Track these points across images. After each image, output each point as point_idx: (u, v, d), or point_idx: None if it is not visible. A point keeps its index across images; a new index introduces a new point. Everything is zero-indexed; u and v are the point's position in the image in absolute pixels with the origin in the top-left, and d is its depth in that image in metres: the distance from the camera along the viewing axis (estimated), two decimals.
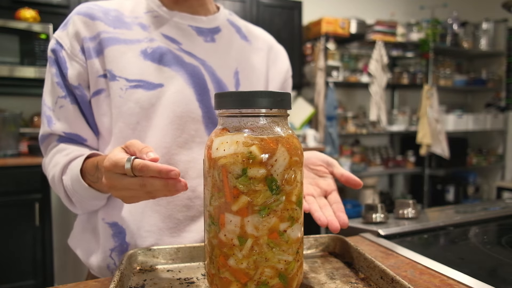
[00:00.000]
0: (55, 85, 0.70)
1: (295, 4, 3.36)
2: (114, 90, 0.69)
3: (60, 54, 0.70)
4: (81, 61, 0.70)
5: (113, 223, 0.70)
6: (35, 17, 2.42)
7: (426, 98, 3.66)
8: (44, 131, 0.72)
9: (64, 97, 0.70)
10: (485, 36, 4.10)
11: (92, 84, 0.70)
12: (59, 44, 0.70)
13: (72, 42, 0.70)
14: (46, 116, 0.71)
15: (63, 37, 0.70)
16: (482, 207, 0.98)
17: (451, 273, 0.55)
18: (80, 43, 0.70)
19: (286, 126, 0.46)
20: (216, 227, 0.44)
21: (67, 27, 0.71)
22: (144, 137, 0.70)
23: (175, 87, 0.71)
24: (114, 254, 0.69)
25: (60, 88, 0.70)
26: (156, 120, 0.70)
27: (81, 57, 0.70)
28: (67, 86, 0.70)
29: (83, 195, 0.66)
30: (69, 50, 0.69)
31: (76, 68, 0.69)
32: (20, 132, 2.51)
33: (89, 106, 0.72)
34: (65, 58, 0.70)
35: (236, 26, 0.85)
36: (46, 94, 0.72)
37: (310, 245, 0.64)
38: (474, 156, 4.24)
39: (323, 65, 3.33)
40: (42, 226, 2.27)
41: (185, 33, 0.76)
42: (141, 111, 0.69)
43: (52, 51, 0.71)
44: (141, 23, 0.74)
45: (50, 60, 0.71)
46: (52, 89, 0.71)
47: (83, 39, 0.69)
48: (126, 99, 0.68)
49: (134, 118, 0.69)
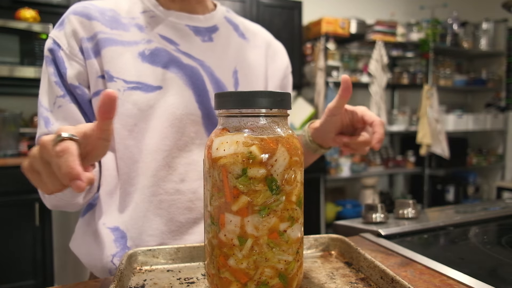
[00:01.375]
0: (53, 84, 0.68)
1: (295, 4, 3.36)
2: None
3: (58, 54, 0.68)
4: (80, 61, 0.69)
5: (114, 227, 0.69)
6: (35, 17, 2.42)
7: (426, 98, 3.66)
8: (41, 133, 0.69)
9: (62, 96, 0.68)
10: (485, 36, 4.10)
11: (92, 85, 0.69)
12: (57, 44, 0.69)
13: (70, 42, 0.69)
14: (43, 117, 0.69)
15: (61, 37, 0.69)
16: (482, 207, 0.98)
17: (451, 273, 0.55)
18: (78, 43, 0.69)
19: (286, 126, 0.46)
20: (216, 227, 0.44)
21: (64, 27, 0.70)
22: (142, 139, 0.69)
23: (174, 89, 0.71)
24: (116, 259, 0.68)
25: (59, 87, 0.68)
26: (154, 122, 0.69)
27: (80, 56, 0.69)
28: (65, 85, 0.69)
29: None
30: (67, 50, 0.68)
31: (75, 67, 0.68)
32: (20, 132, 2.51)
33: (90, 105, 0.71)
34: (63, 58, 0.68)
35: (234, 23, 0.84)
36: (42, 95, 0.70)
37: (310, 245, 0.64)
38: (474, 156, 4.24)
39: (323, 65, 3.33)
40: (42, 226, 2.27)
41: (182, 34, 0.75)
42: (139, 113, 0.68)
43: (49, 50, 0.69)
44: (137, 24, 0.73)
45: (47, 60, 0.69)
46: (49, 89, 0.69)
47: (81, 39, 0.69)
48: (123, 101, 0.68)
49: (132, 119, 0.68)
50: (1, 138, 2.38)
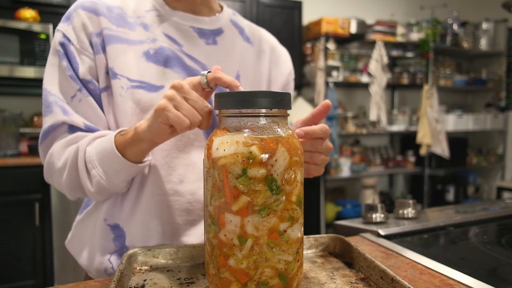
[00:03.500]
0: (68, 78, 0.68)
1: (295, 4, 3.36)
2: (115, 88, 0.68)
3: (69, 48, 0.68)
4: (91, 55, 0.69)
5: (114, 225, 0.70)
6: (35, 17, 2.42)
7: (426, 98, 3.66)
8: (56, 120, 0.67)
9: (79, 90, 0.68)
10: (485, 36, 4.10)
11: (101, 80, 0.69)
12: (67, 38, 0.68)
13: (80, 36, 0.68)
14: (59, 106, 0.67)
15: (69, 31, 0.69)
16: (482, 207, 0.98)
17: (451, 273, 0.55)
18: (88, 38, 0.69)
19: (286, 126, 0.46)
20: (216, 227, 0.44)
21: (72, 21, 0.69)
22: None
23: None
24: (113, 258, 0.68)
25: (74, 81, 0.68)
26: None
27: (90, 51, 0.69)
28: (80, 80, 0.68)
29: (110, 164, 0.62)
30: (78, 45, 0.68)
31: (87, 62, 0.68)
32: (20, 132, 2.51)
33: (101, 99, 0.70)
34: (74, 53, 0.68)
35: (240, 27, 0.84)
36: (52, 84, 0.69)
37: (310, 245, 0.64)
38: (474, 156, 4.24)
39: (323, 65, 3.33)
40: (42, 226, 2.27)
41: (186, 35, 0.75)
42: (141, 112, 0.69)
43: (60, 44, 0.68)
44: (143, 22, 0.73)
45: (59, 54, 0.68)
46: (65, 83, 0.68)
47: (91, 33, 0.69)
48: (126, 98, 0.68)
49: (135, 118, 0.69)
50: (1, 138, 2.38)
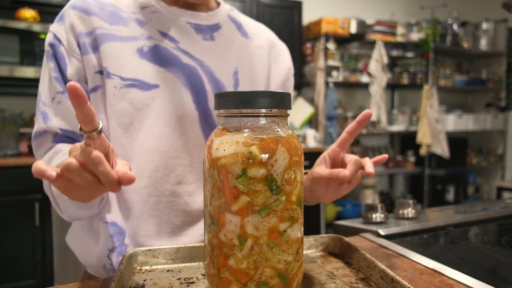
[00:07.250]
0: (53, 80, 0.67)
1: (295, 4, 3.36)
2: (108, 88, 0.67)
3: (58, 49, 0.68)
4: (78, 56, 0.68)
5: (112, 222, 0.69)
6: (35, 17, 2.42)
7: (426, 98, 3.66)
8: (38, 127, 0.68)
9: (62, 93, 0.67)
10: (485, 36, 4.10)
11: (90, 80, 0.68)
12: (57, 39, 0.68)
13: (68, 37, 0.68)
14: (41, 112, 0.68)
15: (61, 31, 0.68)
16: (482, 207, 0.98)
17: (451, 273, 0.55)
18: (76, 38, 0.68)
19: (286, 126, 0.46)
20: (216, 227, 0.44)
21: (63, 21, 0.69)
22: (136, 138, 0.69)
23: (171, 88, 0.70)
24: (112, 255, 0.68)
25: (58, 83, 0.67)
26: (150, 121, 0.69)
27: (78, 52, 0.68)
28: (65, 81, 0.67)
29: (67, 202, 0.59)
30: (67, 46, 0.68)
31: (74, 64, 0.68)
32: (20, 132, 2.51)
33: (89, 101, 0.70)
34: (63, 54, 0.68)
35: (237, 22, 0.83)
36: (42, 89, 0.69)
37: (310, 245, 0.64)
38: (474, 156, 4.24)
39: (323, 65, 3.33)
40: (42, 226, 2.27)
41: (183, 31, 0.74)
42: (134, 111, 0.68)
43: (50, 45, 0.68)
44: (138, 19, 0.72)
45: (47, 54, 0.69)
46: (49, 85, 0.68)
47: (79, 34, 0.68)
48: (119, 98, 0.67)
49: (127, 118, 0.68)
50: (1, 138, 2.38)
